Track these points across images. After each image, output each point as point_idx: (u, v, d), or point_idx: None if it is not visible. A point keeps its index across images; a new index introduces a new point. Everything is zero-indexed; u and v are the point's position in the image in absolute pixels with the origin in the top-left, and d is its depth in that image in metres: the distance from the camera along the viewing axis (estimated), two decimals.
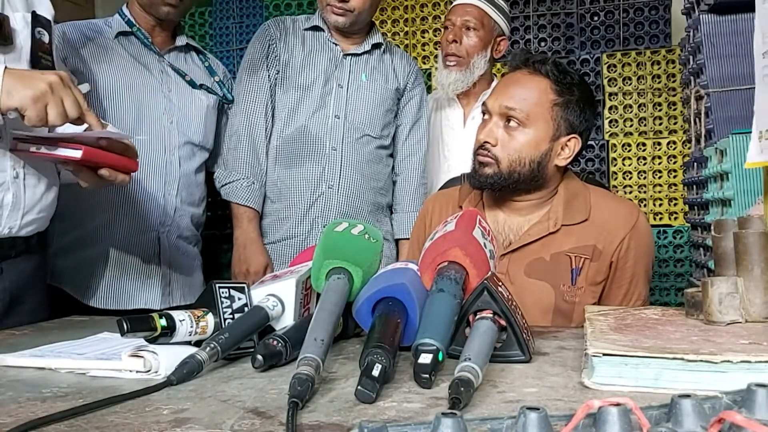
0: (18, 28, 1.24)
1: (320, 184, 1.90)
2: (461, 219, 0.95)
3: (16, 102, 1.10)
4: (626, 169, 2.88)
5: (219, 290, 0.91)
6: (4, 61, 1.20)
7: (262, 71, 1.91)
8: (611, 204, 1.36)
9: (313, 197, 1.90)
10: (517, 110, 1.30)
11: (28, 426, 0.60)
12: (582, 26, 3.02)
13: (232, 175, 1.89)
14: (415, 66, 2.10)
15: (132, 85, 1.76)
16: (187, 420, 0.62)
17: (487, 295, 0.81)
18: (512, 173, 1.30)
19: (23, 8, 1.27)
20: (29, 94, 1.09)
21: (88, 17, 2.88)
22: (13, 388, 0.76)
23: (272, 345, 0.81)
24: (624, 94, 2.93)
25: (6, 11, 1.22)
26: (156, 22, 1.81)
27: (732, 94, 1.78)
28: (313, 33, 1.97)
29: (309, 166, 1.90)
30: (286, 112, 1.91)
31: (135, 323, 0.81)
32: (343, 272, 0.88)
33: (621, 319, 0.89)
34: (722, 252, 0.89)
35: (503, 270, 1.30)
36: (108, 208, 1.74)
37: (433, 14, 3.23)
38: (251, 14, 3.38)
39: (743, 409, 0.46)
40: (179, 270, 1.84)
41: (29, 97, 1.09)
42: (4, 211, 1.25)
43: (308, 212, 1.91)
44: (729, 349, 0.67)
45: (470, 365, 0.67)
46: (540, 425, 0.46)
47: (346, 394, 0.70)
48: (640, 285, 1.33)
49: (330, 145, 1.90)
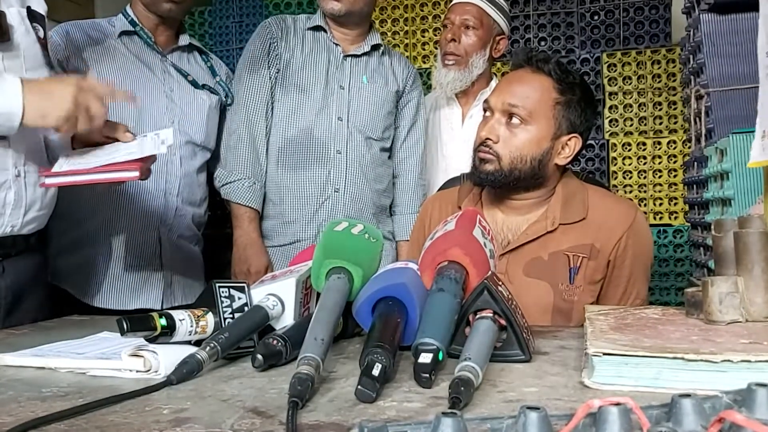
0: (14, 23, 1.24)
1: (326, 187, 1.89)
2: (461, 218, 0.95)
3: (51, 122, 1.16)
4: (626, 168, 2.88)
5: (219, 290, 0.91)
6: (3, 58, 1.20)
7: (263, 70, 1.90)
8: (609, 203, 1.36)
9: (319, 201, 1.89)
10: (520, 107, 1.30)
11: (28, 425, 0.60)
12: (582, 25, 3.02)
13: (233, 175, 1.87)
14: (413, 69, 2.10)
15: (134, 84, 1.76)
16: (187, 419, 0.62)
17: (487, 295, 0.81)
18: (513, 170, 1.30)
19: (17, 3, 1.26)
20: (62, 114, 1.15)
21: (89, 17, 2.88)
22: (13, 387, 0.76)
23: (272, 344, 0.81)
24: (624, 93, 2.93)
25: (2, 7, 1.22)
26: (159, 20, 1.81)
27: (732, 94, 1.78)
28: (314, 33, 1.96)
29: (315, 169, 1.89)
30: (287, 113, 1.90)
31: (135, 323, 0.81)
32: (343, 272, 0.88)
33: (621, 319, 0.89)
34: (722, 251, 0.89)
35: (502, 269, 1.30)
36: (109, 208, 1.74)
37: (433, 14, 3.23)
38: (251, 14, 3.38)
39: (743, 409, 0.46)
40: (180, 270, 1.84)
41: (63, 117, 1.15)
42: (6, 210, 1.25)
43: (315, 216, 1.89)
44: (729, 349, 0.67)
45: (470, 365, 0.67)
46: (540, 425, 0.46)
47: (346, 393, 0.70)
48: (639, 284, 1.33)
49: (335, 148, 1.89)
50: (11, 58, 1.22)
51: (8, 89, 1.13)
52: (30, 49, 1.27)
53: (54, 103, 1.15)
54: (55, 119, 1.15)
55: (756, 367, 0.64)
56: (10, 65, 1.22)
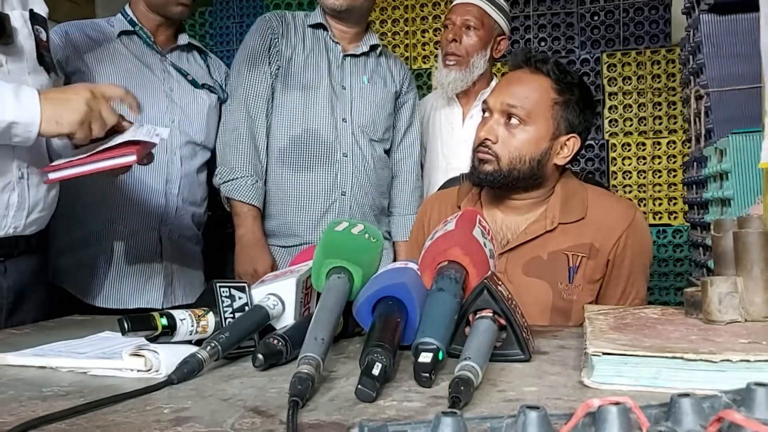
0: (18, 26, 1.24)
1: (334, 189, 1.88)
2: (461, 218, 0.96)
3: (66, 129, 1.17)
4: (626, 168, 2.88)
5: (220, 289, 0.91)
6: (6, 61, 1.21)
7: (263, 65, 1.86)
8: (608, 202, 1.36)
9: (327, 203, 1.88)
10: (519, 108, 1.30)
11: (29, 425, 0.60)
12: (582, 26, 3.02)
13: (234, 173, 1.82)
14: (408, 70, 2.11)
15: (134, 84, 1.75)
16: (188, 419, 0.62)
17: (487, 295, 0.81)
18: (512, 171, 1.30)
19: (19, 6, 1.27)
20: (76, 119, 1.17)
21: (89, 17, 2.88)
22: (14, 387, 0.76)
23: (273, 344, 0.81)
24: (624, 93, 2.93)
25: (6, 10, 1.22)
26: (161, 21, 1.81)
27: (732, 94, 1.78)
28: (313, 31, 1.94)
29: (321, 171, 1.87)
30: (290, 111, 1.87)
31: (136, 322, 0.81)
32: (344, 271, 0.88)
33: (621, 319, 0.89)
34: (722, 251, 0.89)
35: (501, 269, 1.30)
36: (109, 208, 1.74)
37: (433, 14, 3.23)
38: (251, 14, 3.38)
39: (742, 408, 0.46)
40: (180, 269, 1.84)
41: (77, 122, 1.17)
42: (9, 211, 1.25)
43: (323, 218, 1.87)
44: (728, 348, 0.67)
45: (470, 364, 0.67)
46: (540, 424, 0.46)
47: (346, 393, 0.70)
48: (638, 283, 1.33)
49: (341, 151, 1.88)
50: (14, 62, 1.22)
51: (26, 102, 1.15)
52: (32, 52, 1.27)
53: (69, 110, 1.17)
54: (70, 125, 1.17)
55: (755, 366, 0.64)
56: (13, 68, 1.23)
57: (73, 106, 1.17)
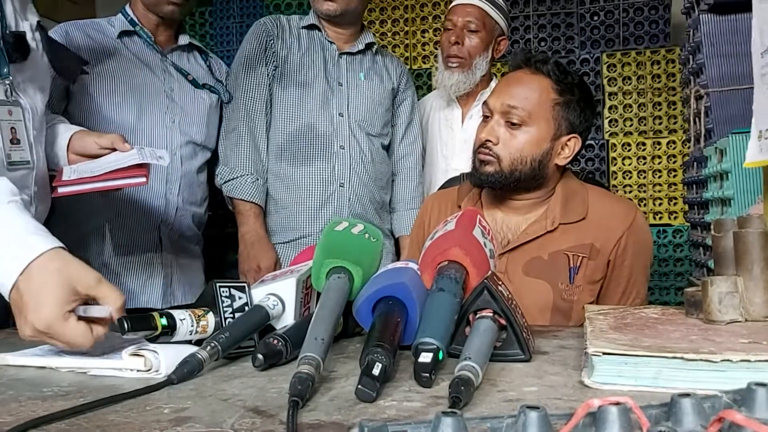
0: (28, 38, 1.24)
1: (332, 182, 1.91)
2: (461, 218, 0.96)
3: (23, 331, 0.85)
4: (626, 168, 2.88)
5: (219, 289, 0.91)
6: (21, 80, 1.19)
7: (260, 67, 1.91)
8: (609, 203, 1.36)
9: (324, 195, 1.91)
10: (519, 109, 1.30)
11: (28, 425, 0.60)
12: (582, 26, 3.02)
13: (235, 172, 1.87)
14: (405, 68, 2.14)
15: (134, 84, 1.76)
16: (188, 419, 0.62)
17: (487, 295, 0.81)
18: (513, 172, 1.30)
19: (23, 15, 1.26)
20: (27, 335, 0.83)
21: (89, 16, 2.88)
22: (14, 387, 0.76)
23: (273, 344, 0.81)
24: (624, 93, 2.93)
25: (22, 26, 1.20)
26: (159, 20, 1.81)
27: (732, 94, 1.78)
28: (308, 32, 1.98)
29: (319, 164, 1.90)
30: (287, 109, 1.92)
31: (136, 322, 0.81)
32: (344, 271, 0.88)
33: (621, 319, 0.89)
34: (722, 251, 0.89)
35: (502, 269, 1.30)
36: (109, 208, 1.74)
37: (433, 14, 3.23)
38: (251, 14, 3.38)
39: (743, 408, 0.46)
40: (180, 269, 1.84)
41: (28, 333, 0.84)
42: None
43: (321, 211, 1.90)
44: (729, 348, 0.67)
45: (470, 364, 0.67)
46: (540, 424, 0.46)
47: (346, 393, 0.70)
48: (639, 283, 1.33)
49: (338, 144, 1.91)
50: (26, 80, 1.21)
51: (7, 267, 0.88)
52: (39, 64, 1.27)
53: (24, 326, 0.84)
54: (23, 335, 0.85)
55: (755, 366, 0.64)
56: (25, 87, 1.21)
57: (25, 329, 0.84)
